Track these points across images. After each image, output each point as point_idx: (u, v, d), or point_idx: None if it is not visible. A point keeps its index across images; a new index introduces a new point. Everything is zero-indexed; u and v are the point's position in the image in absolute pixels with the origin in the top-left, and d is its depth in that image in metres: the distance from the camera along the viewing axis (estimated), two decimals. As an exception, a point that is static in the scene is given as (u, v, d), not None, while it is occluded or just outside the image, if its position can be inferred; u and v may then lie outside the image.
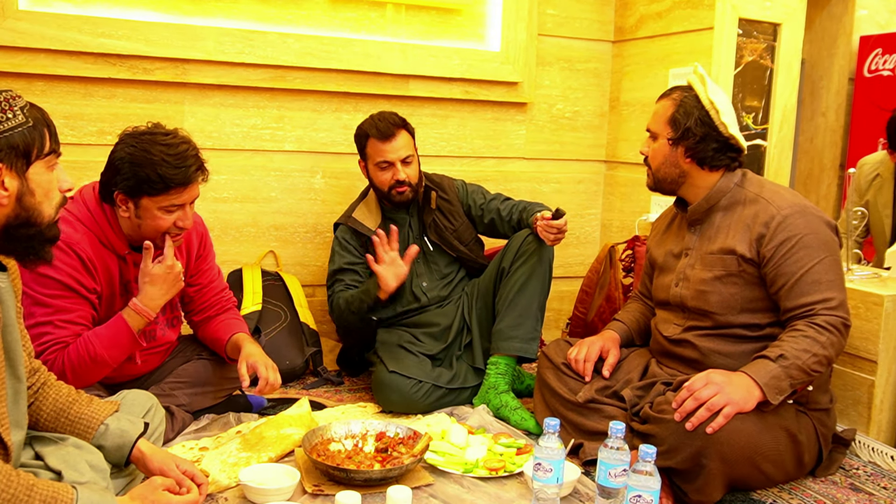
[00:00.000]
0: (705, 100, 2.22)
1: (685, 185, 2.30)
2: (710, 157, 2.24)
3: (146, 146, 2.13)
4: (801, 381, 2.05)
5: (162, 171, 2.10)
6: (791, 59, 3.20)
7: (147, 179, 2.11)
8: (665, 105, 2.29)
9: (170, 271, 2.19)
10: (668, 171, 2.29)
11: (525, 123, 3.65)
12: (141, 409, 1.96)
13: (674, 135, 2.25)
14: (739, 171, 2.30)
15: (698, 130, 2.21)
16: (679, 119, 2.23)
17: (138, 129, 2.19)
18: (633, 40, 3.60)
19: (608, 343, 2.46)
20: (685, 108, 2.23)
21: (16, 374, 1.53)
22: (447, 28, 3.42)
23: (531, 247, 2.77)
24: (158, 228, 2.20)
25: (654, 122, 2.31)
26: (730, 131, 2.21)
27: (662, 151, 2.28)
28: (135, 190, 2.14)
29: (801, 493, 2.19)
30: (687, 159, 2.25)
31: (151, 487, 1.59)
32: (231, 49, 3.05)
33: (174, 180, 2.12)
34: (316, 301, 3.33)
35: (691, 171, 2.27)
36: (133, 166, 2.12)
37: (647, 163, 2.36)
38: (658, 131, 2.29)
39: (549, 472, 1.87)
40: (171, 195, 2.15)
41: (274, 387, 2.33)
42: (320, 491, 2.05)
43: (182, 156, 2.14)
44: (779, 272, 2.13)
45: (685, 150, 2.25)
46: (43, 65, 2.84)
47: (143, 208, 2.16)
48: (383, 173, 2.84)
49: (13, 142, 1.42)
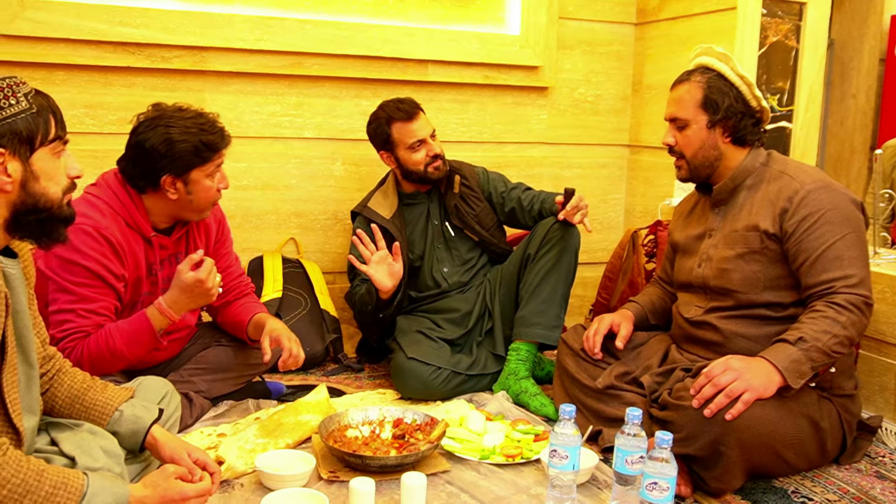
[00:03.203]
0: (734, 76, 2.20)
1: (718, 168, 2.27)
2: (748, 133, 2.22)
3: (178, 123, 2.19)
4: (822, 364, 2.00)
5: (205, 139, 2.20)
6: (818, 39, 3.13)
7: (195, 151, 2.19)
8: (689, 89, 2.23)
9: (198, 284, 2.17)
10: (705, 156, 2.25)
11: (546, 108, 3.61)
12: (156, 395, 1.96)
13: (711, 118, 2.20)
14: (765, 151, 2.27)
15: (736, 108, 2.19)
16: (715, 100, 2.19)
17: (148, 115, 2.22)
18: (656, 22, 3.54)
19: (618, 318, 2.44)
20: (718, 89, 2.19)
21: (28, 360, 1.54)
22: (466, 12, 3.38)
23: (557, 234, 2.75)
24: (210, 198, 2.28)
25: (681, 110, 2.25)
26: (763, 104, 2.21)
27: (699, 137, 2.23)
28: (185, 166, 2.20)
29: (824, 480, 2.15)
30: (726, 139, 2.23)
31: (164, 475, 1.60)
32: (249, 36, 3.04)
33: (218, 144, 2.25)
34: (336, 288, 3.33)
35: (727, 152, 2.25)
36: (176, 144, 2.17)
37: (674, 153, 2.30)
38: (689, 118, 2.23)
39: (565, 459, 1.85)
40: (215, 160, 2.25)
41: (297, 360, 2.34)
42: (336, 477, 2.05)
43: (210, 121, 2.26)
44: (800, 248, 2.09)
45: (724, 131, 2.22)
46: (63, 54, 2.86)
47: (192, 182, 2.23)
48: (416, 153, 2.84)
49: (16, 128, 1.43)
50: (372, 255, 2.63)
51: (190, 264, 2.17)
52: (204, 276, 2.17)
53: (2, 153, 1.42)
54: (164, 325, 2.21)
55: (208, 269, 2.18)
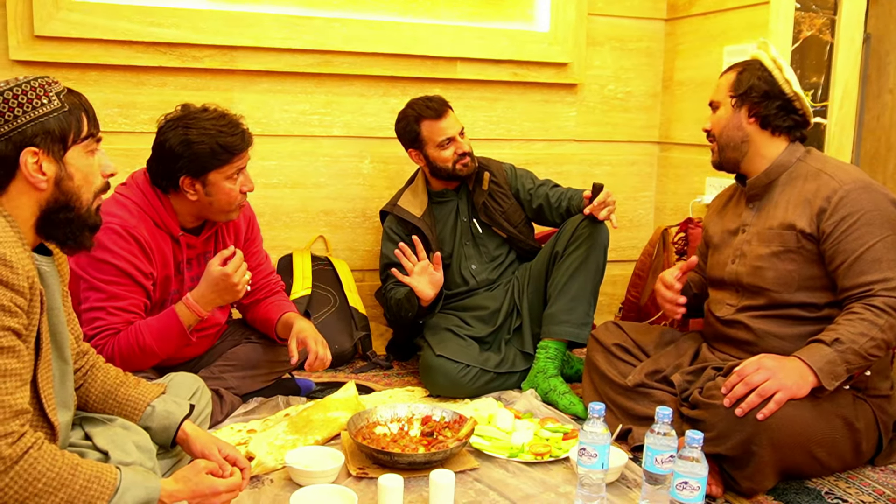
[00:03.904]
0: (768, 60, 2.20)
1: (748, 155, 2.25)
2: (773, 116, 2.20)
3: (197, 124, 2.19)
4: (857, 367, 1.97)
5: (223, 141, 2.19)
6: (853, 33, 3.07)
7: (211, 154, 2.18)
8: (728, 76, 2.27)
9: (224, 279, 2.19)
10: (730, 135, 2.24)
11: (575, 105, 3.60)
12: (187, 391, 1.99)
13: (738, 98, 2.21)
14: (803, 147, 2.24)
15: (760, 87, 2.18)
16: (742, 80, 2.21)
17: (173, 115, 2.24)
18: (687, 17, 3.50)
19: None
20: (748, 71, 2.22)
21: (62, 356, 1.56)
22: (495, 9, 3.38)
23: (586, 231, 2.73)
24: (231, 200, 2.26)
25: (716, 93, 2.29)
26: (794, 88, 2.18)
27: (726, 116, 2.25)
28: (201, 168, 2.20)
29: (858, 482, 2.12)
30: (750, 119, 2.21)
31: (195, 470, 1.61)
32: (278, 35, 3.06)
33: (237, 146, 2.22)
34: (365, 286, 3.34)
35: (754, 136, 2.22)
36: (193, 146, 2.17)
37: (710, 138, 2.31)
38: (721, 100, 2.26)
39: (594, 458, 1.84)
40: (234, 162, 2.23)
41: (323, 362, 2.35)
42: (364, 474, 2.05)
43: (232, 122, 2.24)
44: (838, 249, 2.06)
45: (748, 110, 2.21)
46: (96, 55, 2.89)
47: (211, 184, 2.22)
48: (445, 151, 2.85)
49: (48, 126, 1.44)
50: (414, 267, 2.65)
51: (220, 259, 2.19)
52: (230, 271, 2.18)
53: (36, 152, 1.44)
54: (192, 321, 2.23)
55: (236, 264, 2.20)
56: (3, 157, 1.43)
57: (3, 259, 1.34)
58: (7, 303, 1.35)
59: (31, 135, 1.43)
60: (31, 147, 1.43)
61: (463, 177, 2.90)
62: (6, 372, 1.35)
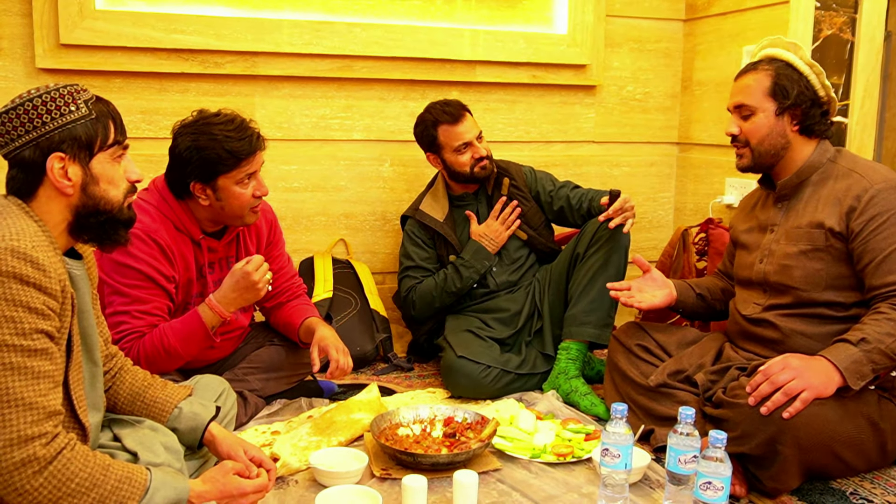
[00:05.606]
0: (803, 65, 2.18)
1: (783, 159, 2.24)
2: (817, 123, 2.20)
3: (206, 130, 2.21)
4: (884, 367, 1.96)
5: (229, 146, 2.20)
6: (874, 31, 3.06)
7: (218, 159, 2.19)
8: (757, 78, 2.21)
9: (245, 277, 2.22)
10: (772, 143, 2.22)
11: (594, 106, 3.60)
12: (213, 393, 2.01)
13: (781, 104, 2.19)
14: (833, 147, 2.23)
15: (807, 96, 2.17)
16: (786, 87, 2.17)
17: (187, 121, 2.27)
18: (705, 18, 3.50)
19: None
20: (787, 77, 2.18)
21: (92, 358, 1.58)
22: (514, 12, 3.39)
23: (606, 233, 2.73)
24: (243, 205, 2.27)
25: (748, 98, 2.23)
26: (831, 94, 2.19)
27: (767, 124, 2.21)
28: (210, 173, 2.21)
29: (884, 482, 2.11)
30: (794, 127, 2.21)
31: (223, 471, 1.63)
32: (299, 41, 3.09)
33: (243, 151, 2.22)
34: (386, 288, 3.36)
35: (794, 142, 2.22)
36: (200, 151, 2.19)
37: (738, 142, 2.28)
38: (757, 105, 2.21)
39: (617, 458, 1.84)
40: (242, 167, 2.23)
41: (344, 370, 2.36)
42: (388, 475, 2.07)
43: (241, 127, 2.24)
44: (866, 248, 2.05)
45: (792, 119, 2.20)
46: (120, 62, 2.93)
47: (221, 189, 2.24)
48: (462, 155, 2.86)
49: (75, 133, 1.47)
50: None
51: (245, 262, 2.22)
52: (251, 269, 2.21)
53: (62, 157, 1.47)
54: (215, 322, 2.26)
55: (257, 263, 2.22)
56: (31, 163, 1.46)
57: (36, 263, 1.37)
58: (39, 306, 1.37)
59: (58, 141, 1.46)
60: (57, 153, 1.46)
61: (481, 179, 2.91)
62: (39, 374, 1.37)
